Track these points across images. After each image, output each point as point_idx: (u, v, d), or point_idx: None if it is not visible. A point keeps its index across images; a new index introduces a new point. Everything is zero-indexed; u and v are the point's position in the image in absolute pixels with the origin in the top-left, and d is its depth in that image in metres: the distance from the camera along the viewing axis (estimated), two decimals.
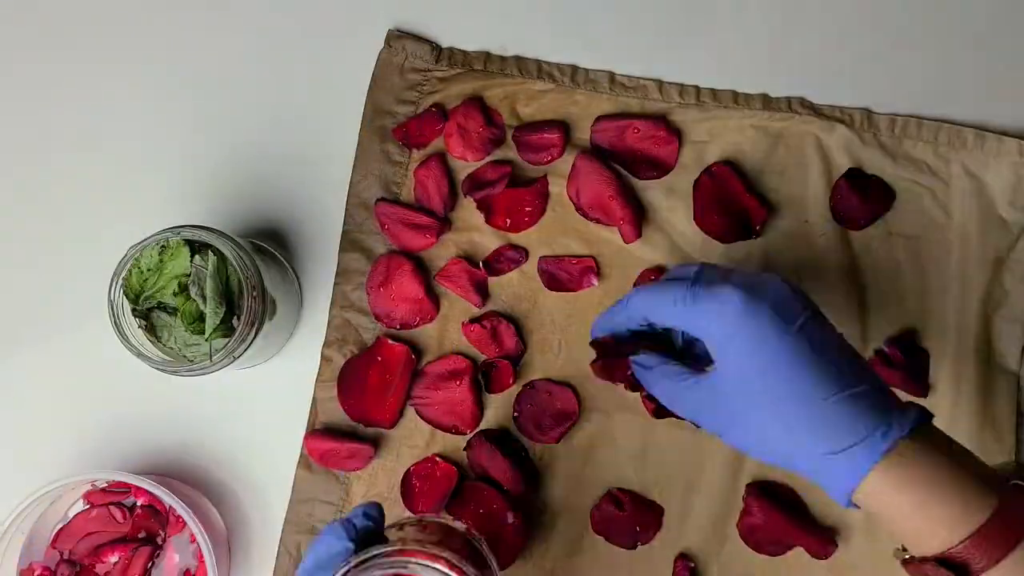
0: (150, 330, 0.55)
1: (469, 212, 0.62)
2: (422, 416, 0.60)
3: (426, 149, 0.62)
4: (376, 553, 0.42)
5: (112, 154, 0.64)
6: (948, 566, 0.40)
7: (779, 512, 0.57)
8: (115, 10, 0.65)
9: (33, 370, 0.62)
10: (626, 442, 0.59)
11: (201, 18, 0.65)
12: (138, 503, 0.60)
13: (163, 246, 0.54)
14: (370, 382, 0.60)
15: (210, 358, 0.53)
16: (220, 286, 0.54)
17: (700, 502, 0.59)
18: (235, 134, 0.64)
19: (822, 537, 0.57)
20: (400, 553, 0.42)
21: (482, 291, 0.61)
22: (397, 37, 0.64)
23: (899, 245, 0.61)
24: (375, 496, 0.60)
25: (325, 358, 0.61)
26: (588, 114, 0.62)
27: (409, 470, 0.60)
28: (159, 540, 0.60)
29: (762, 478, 0.59)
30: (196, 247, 0.54)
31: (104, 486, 0.60)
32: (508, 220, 0.61)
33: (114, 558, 0.59)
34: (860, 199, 0.60)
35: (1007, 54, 0.64)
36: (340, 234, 0.62)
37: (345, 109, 0.64)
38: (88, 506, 0.60)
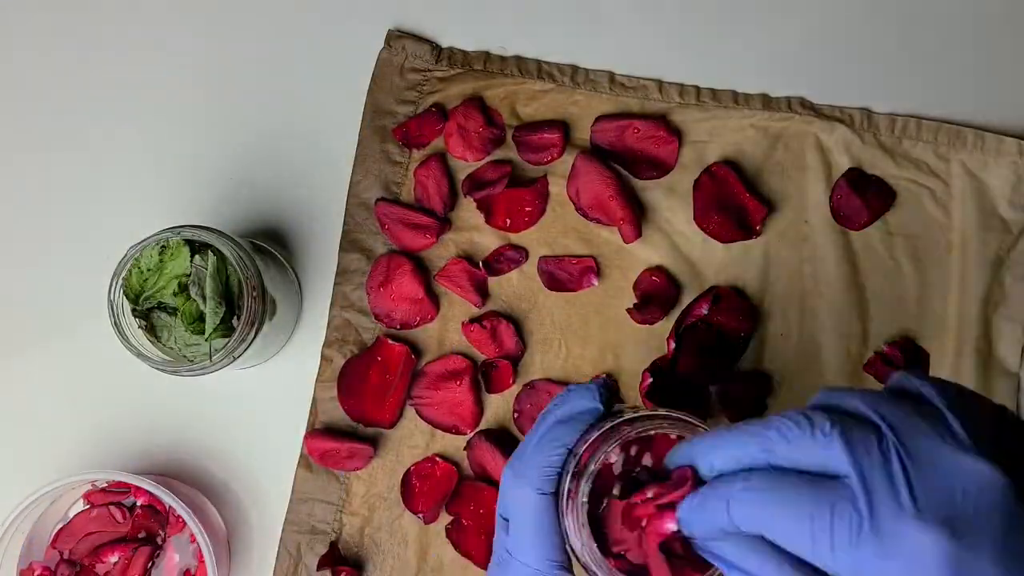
0: (150, 330, 0.55)
1: (469, 212, 0.62)
2: (422, 416, 0.60)
3: (426, 149, 0.62)
4: (638, 415, 0.42)
5: (112, 154, 0.64)
6: None
7: None
8: (116, 9, 0.65)
9: (33, 370, 0.62)
10: None
11: (202, 18, 0.65)
12: (138, 503, 0.60)
13: (163, 246, 0.54)
14: (370, 382, 0.60)
15: (210, 358, 0.53)
16: (220, 286, 0.54)
17: None
18: (235, 134, 0.64)
19: None
20: (649, 417, 0.42)
21: (482, 291, 0.61)
22: (397, 37, 0.64)
23: (899, 245, 0.61)
24: (374, 496, 0.60)
25: (325, 358, 0.61)
26: (588, 114, 0.62)
27: (409, 470, 0.60)
28: (159, 540, 0.60)
29: None
30: (196, 247, 0.54)
31: (104, 486, 0.60)
32: (508, 220, 0.61)
33: (114, 558, 0.59)
34: (860, 199, 0.60)
35: (1007, 54, 0.64)
36: (340, 234, 0.62)
37: (345, 109, 0.64)
38: (88, 506, 0.60)
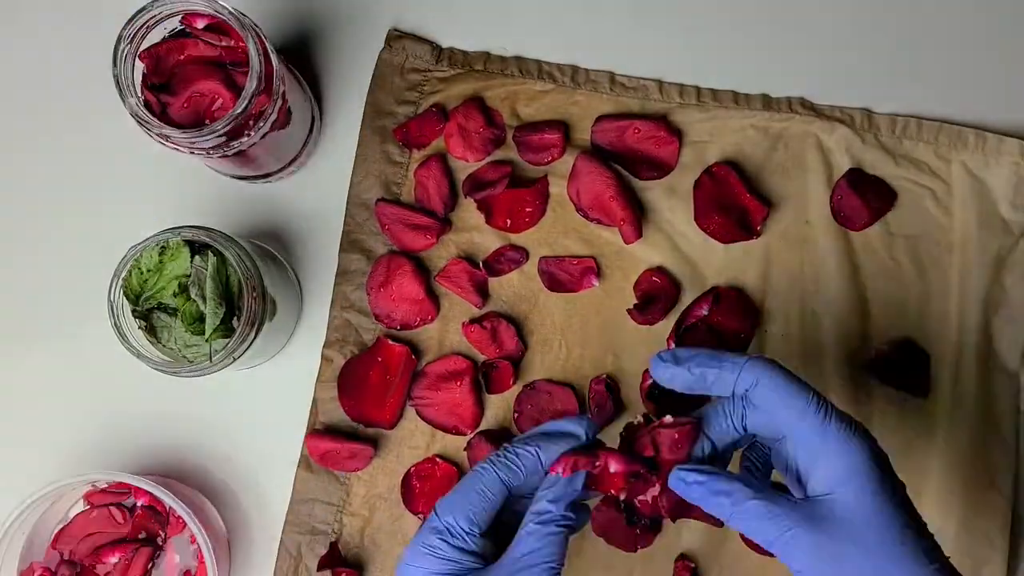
0: (150, 331, 0.55)
1: (469, 212, 0.62)
2: (422, 416, 0.60)
3: (426, 149, 0.62)
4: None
5: (113, 153, 0.64)
6: None
7: None
8: (117, 8, 0.65)
9: (33, 370, 0.62)
10: None
11: None
12: (138, 504, 0.60)
13: (163, 247, 0.54)
14: (370, 382, 0.60)
15: (210, 359, 0.53)
16: (220, 287, 0.54)
17: None
18: None
19: None
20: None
21: (482, 291, 0.61)
22: (397, 37, 0.63)
23: (899, 245, 0.61)
24: (375, 496, 0.60)
25: (325, 358, 0.61)
26: (588, 114, 0.62)
27: (409, 470, 0.60)
28: (159, 541, 0.60)
29: None
30: (196, 248, 0.54)
31: (104, 487, 0.60)
32: (508, 220, 0.61)
33: (114, 559, 0.59)
34: (860, 199, 0.60)
35: (1008, 54, 0.64)
36: (340, 234, 0.62)
37: (345, 109, 0.64)
38: (88, 507, 0.60)
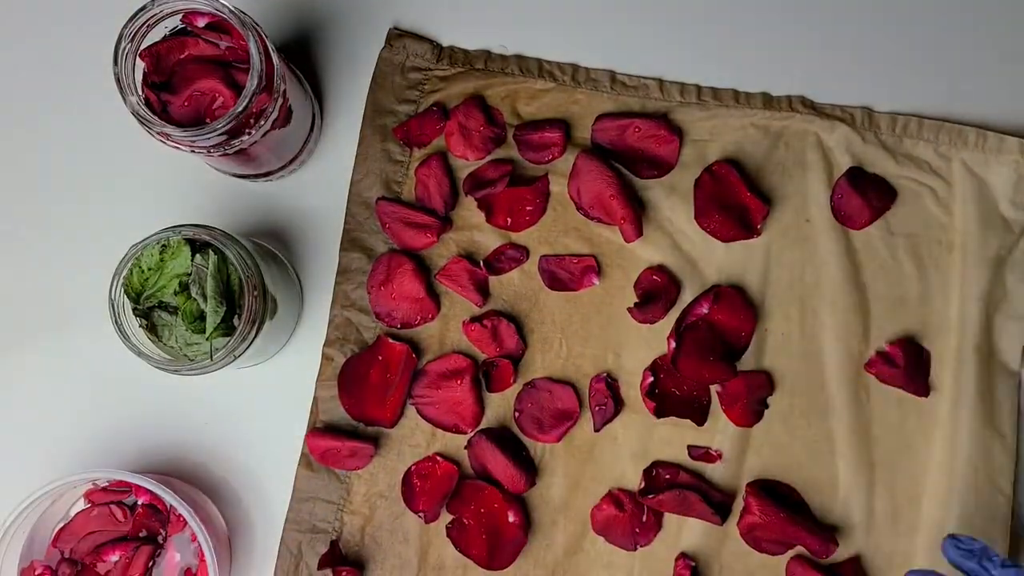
0: (151, 329, 0.55)
1: (470, 211, 0.62)
2: (423, 415, 0.60)
3: (427, 148, 0.62)
4: None
5: (113, 152, 0.64)
6: None
7: (779, 511, 0.57)
8: (117, 7, 0.65)
9: (33, 370, 0.62)
10: (627, 441, 0.59)
11: None
12: (139, 502, 0.60)
13: (164, 245, 0.54)
14: (371, 381, 0.60)
15: (211, 357, 0.53)
16: (221, 285, 0.54)
17: None
18: None
19: (822, 536, 0.57)
20: None
21: (483, 290, 0.61)
22: (397, 36, 0.63)
23: (900, 244, 0.61)
24: (375, 495, 0.60)
25: (326, 357, 0.61)
26: (589, 113, 0.62)
27: (410, 469, 0.60)
28: (160, 539, 0.60)
29: (762, 477, 0.59)
30: (197, 246, 0.54)
31: (105, 485, 0.60)
32: (509, 219, 0.61)
33: (115, 557, 0.59)
34: (861, 198, 0.60)
35: (1009, 53, 0.64)
36: (341, 233, 0.62)
37: (346, 108, 0.64)
38: (89, 505, 0.60)
